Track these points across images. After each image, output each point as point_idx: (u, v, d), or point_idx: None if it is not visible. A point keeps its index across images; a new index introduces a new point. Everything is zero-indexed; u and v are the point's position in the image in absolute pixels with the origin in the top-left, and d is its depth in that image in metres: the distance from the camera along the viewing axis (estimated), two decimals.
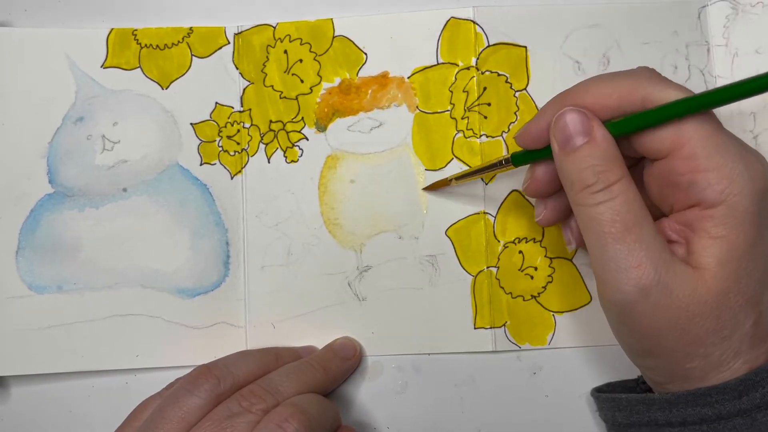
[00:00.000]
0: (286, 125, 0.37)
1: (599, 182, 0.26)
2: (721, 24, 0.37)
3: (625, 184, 0.26)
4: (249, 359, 0.32)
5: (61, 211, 0.36)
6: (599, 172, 0.26)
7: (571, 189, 0.28)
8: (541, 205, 0.32)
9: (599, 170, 0.26)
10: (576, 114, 0.27)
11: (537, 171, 0.31)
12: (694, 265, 0.26)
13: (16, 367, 0.36)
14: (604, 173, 0.26)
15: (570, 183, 0.28)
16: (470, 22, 0.37)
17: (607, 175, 0.26)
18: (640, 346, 0.28)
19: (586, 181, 0.27)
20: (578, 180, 0.27)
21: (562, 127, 0.27)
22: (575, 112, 0.27)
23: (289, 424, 0.28)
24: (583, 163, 0.27)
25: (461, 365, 0.36)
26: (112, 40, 0.37)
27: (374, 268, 0.36)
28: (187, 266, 0.36)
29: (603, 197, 0.26)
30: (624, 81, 0.27)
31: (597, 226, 0.27)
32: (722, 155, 0.26)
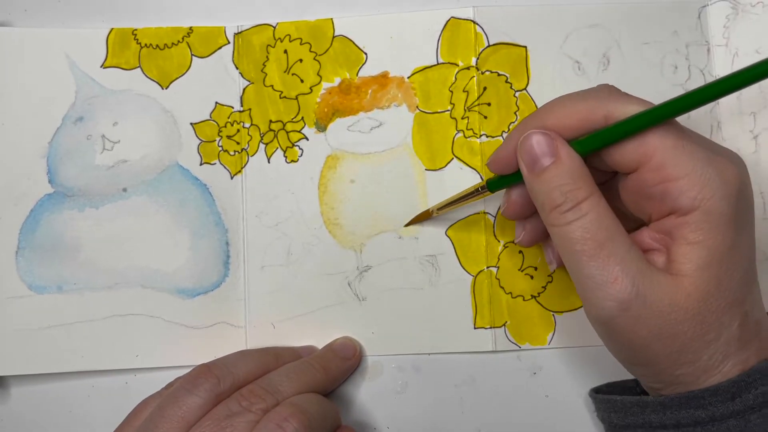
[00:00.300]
0: (286, 125, 0.37)
1: (567, 201, 0.27)
2: (721, 24, 0.37)
3: (594, 200, 0.27)
4: (249, 359, 0.32)
5: (61, 211, 0.36)
6: (567, 192, 0.27)
7: (542, 210, 0.28)
8: (520, 227, 0.33)
9: (566, 189, 0.27)
10: (540, 136, 0.27)
11: (512, 194, 0.31)
12: (675, 273, 0.26)
13: (16, 367, 0.36)
14: (571, 192, 0.27)
15: (541, 204, 0.28)
16: (470, 22, 0.37)
17: (575, 193, 0.27)
18: (628, 357, 0.28)
19: (555, 201, 0.27)
20: (547, 201, 0.27)
21: (527, 149, 0.28)
22: (539, 134, 0.28)
23: (288, 424, 0.28)
24: (551, 183, 0.27)
25: (461, 365, 0.36)
26: (112, 40, 0.37)
27: (374, 268, 0.36)
28: (187, 266, 0.36)
29: (572, 216, 0.27)
30: (585, 100, 0.28)
31: (570, 244, 0.27)
32: (690, 162, 0.26)
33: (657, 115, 0.26)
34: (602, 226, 0.26)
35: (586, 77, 0.37)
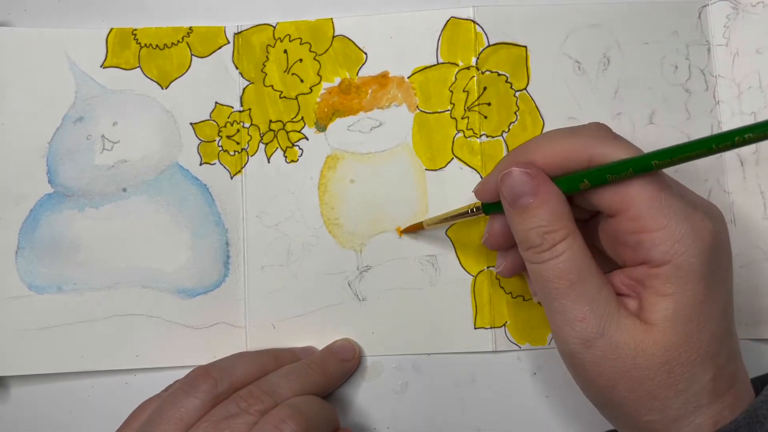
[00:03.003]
0: (286, 125, 0.37)
1: (544, 243, 0.27)
2: (721, 24, 0.37)
3: (570, 242, 0.27)
4: (247, 361, 0.32)
5: (61, 211, 0.36)
6: (544, 233, 0.27)
7: (520, 246, 0.29)
8: (502, 258, 0.33)
9: (544, 231, 0.27)
10: (522, 174, 0.28)
11: (494, 226, 0.32)
12: (645, 320, 0.26)
13: (16, 367, 0.36)
14: (549, 234, 0.27)
15: (519, 240, 0.29)
16: (470, 21, 0.37)
17: (552, 235, 0.27)
18: (596, 396, 0.28)
19: (532, 242, 0.28)
20: (525, 239, 0.28)
21: (509, 185, 0.28)
22: (521, 172, 0.28)
23: (286, 425, 0.28)
24: (530, 223, 0.27)
25: (461, 365, 0.36)
26: (111, 40, 0.37)
27: (374, 268, 0.36)
28: (187, 266, 0.36)
29: (547, 256, 0.27)
30: (572, 138, 0.28)
31: (543, 281, 0.27)
32: (666, 216, 0.26)
33: (638, 165, 0.26)
34: (576, 267, 0.27)
35: (586, 77, 0.37)
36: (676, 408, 0.26)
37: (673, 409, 0.26)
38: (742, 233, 0.36)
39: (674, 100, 0.37)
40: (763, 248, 0.36)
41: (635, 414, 0.27)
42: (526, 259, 0.28)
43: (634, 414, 0.27)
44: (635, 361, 0.26)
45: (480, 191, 0.31)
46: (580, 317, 0.27)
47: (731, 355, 0.27)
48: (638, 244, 0.27)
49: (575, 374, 0.28)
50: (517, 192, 0.28)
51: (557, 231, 0.27)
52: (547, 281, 0.27)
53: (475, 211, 0.32)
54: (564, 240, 0.27)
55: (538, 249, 0.27)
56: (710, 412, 0.26)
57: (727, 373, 0.27)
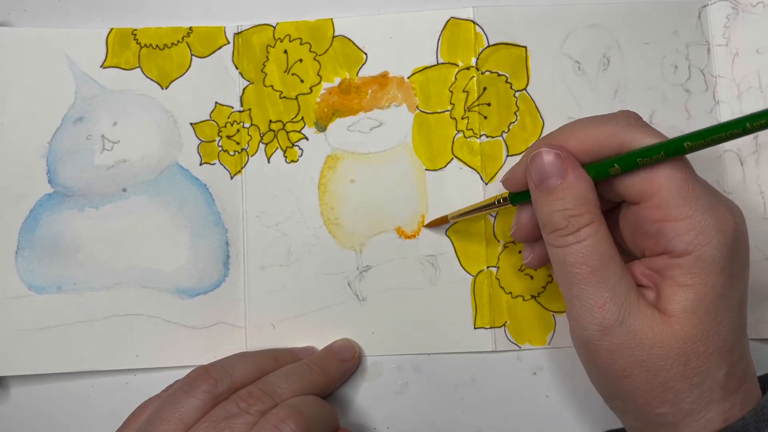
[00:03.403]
0: (286, 125, 0.37)
1: (569, 227, 0.27)
2: (721, 24, 0.37)
3: (594, 228, 0.27)
4: (247, 361, 0.32)
5: (61, 211, 0.36)
6: (569, 217, 0.27)
7: (543, 228, 0.28)
8: (529, 248, 0.33)
9: (569, 214, 0.27)
10: (551, 155, 0.28)
11: (522, 217, 0.31)
12: (662, 311, 0.26)
13: (15, 367, 0.36)
14: (574, 218, 0.27)
15: (542, 223, 0.28)
16: (470, 22, 0.37)
17: (577, 219, 0.27)
18: (608, 386, 0.28)
19: (557, 224, 0.27)
20: (549, 222, 0.28)
21: (537, 166, 0.28)
22: (550, 152, 0.28)
23: (286, 425, 0.28)
24: (556, 205, 0.27)
25: (461, 365, 0.36)
26: (111, 40, 0.37)
27: (374, 268, 0.36)
28: (186, 266, 0.36)
29: (571, 240, 0.27)
30: (604, 126, 0.28)
31: (564, 266, 0.27)
32: (691, 206, 0.26)
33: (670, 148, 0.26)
34: (598, 253, 0.27)
35: (586, 77, 0.37)
36: (689, 402, 0.26)
37: (687, 402, 0.26)
38: None
39: (674, 100, 0.37)
40: (763, 248, 0.36)
41: (647, 406, 0.27)
42: (549, 243, 0.28)
43: (646, 406, 0.27)
44: (652, 351, 0.26)
45: (508, 179, 0.31)
46: (600, 303, 0.26)
47: (743, 352, 0.27)
48: (660, 233, 0.26)
49: (589, 361, 0.28)
50: (546, 173, 0.28)
51: (582, 215, 0.27)
52: (569, 266, 0.27)
53: (502, 202, 0.32)
54: (589, 225, 0.27)
55: (563, 232, 0.27)
56: (721, 408, 0.26)
57: (740, 369, 0.27)
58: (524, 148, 0.36)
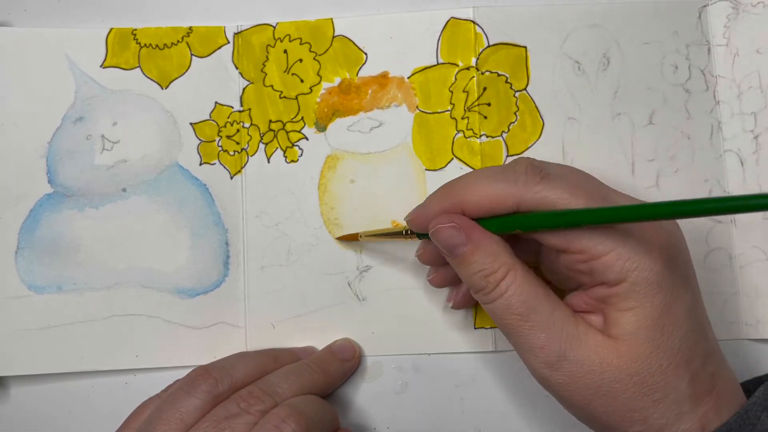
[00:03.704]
0: (286, 125, 0.37)
1: (488, 285, 0.28)
2: (721, 24, 0.37)
3: (511, 277, 0.28)
4: (247, 360, 0.32)
5: (61, 211, 0.36)
6: (485, 276, 0.28)
7: (471, 290, 0.29)
8: (432, 269, 0.34)
9: (485, 274, 0.28)
10: (450, 229, 0.29)
11: (428, 246, 0.33)
12: (610, 335, 0.27)
13: (15, 367, 0.35)
14: (490, 276, 0.28)
15: (468, 287, 0.30)
16: (470, 22, 0.37)
17: (493, 276, 0.28)
18: (578, 414, 0.29)
19: (477, 287, 0.29)
20: (471, 285, 0.29)
21: (441, 240, 0.29)
22: (449, 228, 0.29)
23: (286, 425, 0.28)
24: (470, 269, 0.28)
25: (461, 365, 0.36)
26: (111, 40, 0.37)
27: (374, 268, 0.36)
28: (186, 266, 0.36)
29: (494, 296, 0.28)
30: (499, 184, 0.28)
31: (497, 319, 0.29)
32: (610, 240, 0.26)
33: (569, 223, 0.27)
34: (521, 300, 0.28)
35: (586, 77, 0.37)
36: (657, 417, 0.27)
37: (655, 419, 0.27)
38: (742, 233, 0.36)
39: (674, 100, 0.37)
40: (763, 248, 0.36)
41: (618, 427, 0.27)
42: (479, 302, 0.29)
43: (617, 427, 0.27)
44: (603, 376, 0.27)
45: (412, 222, 0.32)
46: (539, 345, 0.27)
47: (708, 356, 0.28)
48: (592, 270, 0.27)
49: (553, 395, 0.29)
50: (451, 244, 0.29)
51: (497, 271, 0.28)
52: (500, 318, 0.28)
53: (410, 233, 0.33)
54: (505, 277, 0.28)
55: (485, 291, 0.28)
56: (694, 417, 0.27)
57: (706, 375, 0.27)
58: (524, 148, 0.36)
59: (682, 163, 0.36)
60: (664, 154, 0.36)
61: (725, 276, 0.36)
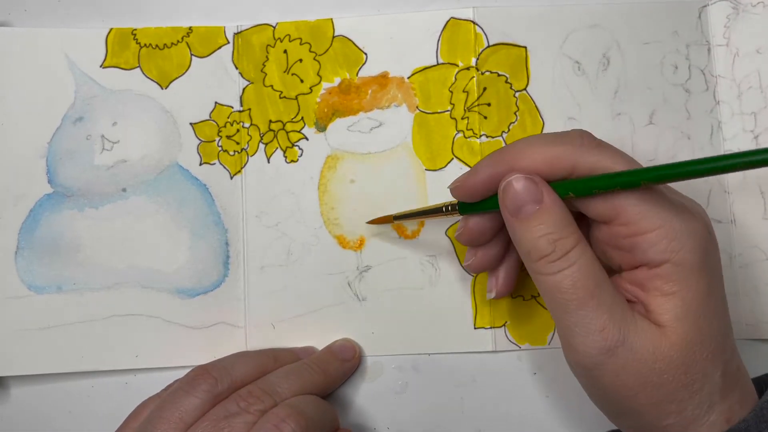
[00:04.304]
0: (286, 125, 0.37)
1: (556, 251, 0.26)
2: (721, 24, 0.37)
3: (581, 249, 0.26)
4: (247, 360, 0.32)
5: (61, 211, 0.36)
6: (555, 240, 0.26)
7: (528, 258, 0.27)
8: (471, 252, 0.32)
9: (554, 238, 0.26)
10: (525, 181, 0.27)
11: (470, 221, 0.31)
12: (655, 323, 0.26)
13: (15, 368, 0.35)
14: (559, 241, 0.26)
15: (526, 252, 0.27)
16: (470, 22, 0.37)
17: (563, 242, 0.26)
18: (614, 407, 0.28)
19: (543, 251, 0.26)
20: (534, 249, 0.27)
21: (512, 195, 0.27)
22: (524, 179, 0.27)
23: (286, 425, 0.28)
24: (537, 231, 0.27)
25: (461, 365, 0.36)
26: (111, 40, 0.37)
27: (374, 268, 0.36)
28: (186, 266, 0.36)
29: (561, 266, 0.26)
30: (555, 146, 0.27)
31: (558, 293, 0.26)
32: (658, 216, 0.26)
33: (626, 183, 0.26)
34: (590, 274, 0.26)
35: (586, 77, 0.37)
36: (692, 408, 0.26)
37: (690, 410, 0.26)
38: (742, 233, 0.36)
39: (674, 100, 0.37)
40: (763, 248, 0.36)
41: (655, 420, 0.26)
42: (536, 272, 0.27)
43: (654, 420, 0.26)
44: (655, 365, 0.26)
45: (458, 189, 0.30)
46: (600, 327, 0.26)
47: (733, 350, 0.28)
48: (634, 247, 0.26)
49: (593, 385, 0.27)
50: (521, 201, 0.27)
51: (568, 237, 0.26)
52: (561, 292, 0.26)
53: (450, 209, 0.31)
54: (575, 247, 0.26)
55: (551, 257, 0.26)
56: (722, 409, 0.26)
57: (734, 367, 0.27)
58: None
59: None
60: (664, 154, 0.36)
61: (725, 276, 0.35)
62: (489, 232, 0.31)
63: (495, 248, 0.31)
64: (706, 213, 0.28)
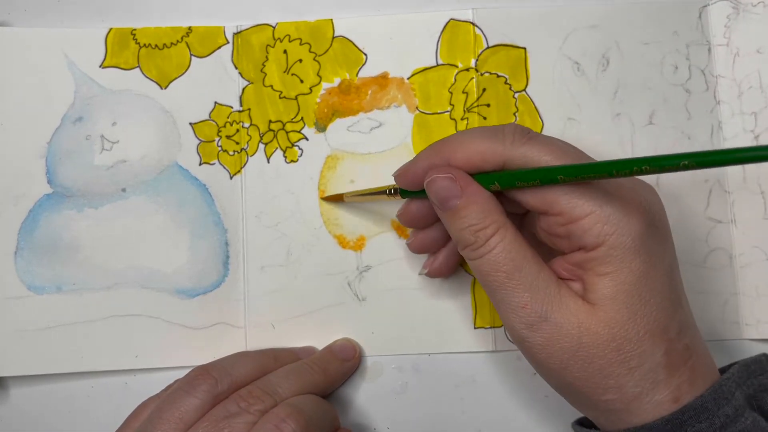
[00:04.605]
0: (286, 125, 0.37)
1: (477, 240, 0.28)
2: (722, 24, 0.37)
3: (501, 234, 0.28)
4: (247, 360, 0.32)
5: (60, 212, 0.36)
6: (476, 231, 0.28)
7: (457, 245, 0.30)
8: (414, 233, 0.34)
9: (475, 229, 0.28)
10: (444, 180, 0.29)
11: (411, 205, 0.33)
12: (589, 301, 0.27)
13: (15, 368, 0.35)
14: (480, 231, 0.28)
15: (455, 241, 0.30)
16: (469, 23, 0.37)
17: (483, 232, 0.28)
18: (552, 379, 0.29)
19: (466, 241, 0.29)
20: (459, 239, 0.29)
21: (435, 191, 0.29)
22: (445, 178, 0.29)
23: (286, 425, 0.28)
24: (461, 223, 0.29)
25: (461, 365, 0.36)
26: (111, 40, 0.37)
27: (374, 268, 0.36)
28: (186, 266, 0.36)
29: (482, 251, 0.28)
30: (488, 141, 0.29)
31: (482, 276, 0.29)
32: (589, 203, 0.27)
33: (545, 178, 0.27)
34: (509, 258, 0.28)
35: (586, 78, 0.37)
36: (632, 386, 0.27)
37: (630, 387, 0.27)
38: (742, 233, 0.36)
39: (674, 100, 0.37)
40: (763, 248, 0.36)
41: (592, 394, 0.27)
42: (466, 257, 0.29)
43: (591, 394, 0.27)
44: (581, 340, 0.27)
45: (400, 177, 0.32)
46: (522, 304, 0.27)
47: (683, 327, 0.28)
48: (570, 234, 0.27)
49: (527, 357, 0.29)
50: (444, 196, 0.29)
51: (488, 227, 0.28)
52: (486, 275, 0.28)
53: (393, 193, 0.33)
54: (495, 234, 0.28)
55: (473, 246, 0.28)
56: (668, 388, 0.27)
57: (681, 346, 0.27)
58: None
59: None
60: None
61: (725, 276, 0.36)
62: (428, 217, 0.32)
63: (434, 232, 0.33)
64: (654, 191, 0.29)
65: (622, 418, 0.27)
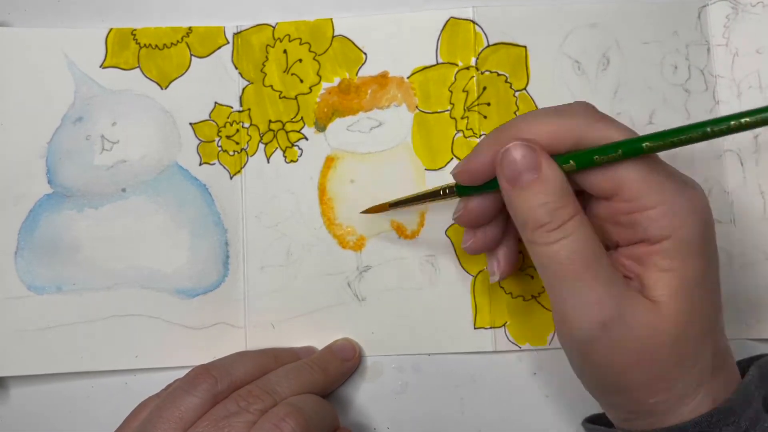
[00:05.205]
0: (286, 125, 0.37)
1: (554, 221, 0.26)
2: (721, 24, 0.37)
3: (579, 220, 0.26)
4: (247, 360, 0.32)
5: (60, 212, 0.36)
6: (553, 210, 0.26)
7: (524, 228, 0.27)
8: (470, 234, 0.31)
9: (552, 207, 0.26)
10: (523, 148, 0.26)
11: (470, 203, 0.30)
12: (650, 299, 0.26)
13: (15, 368, 0.35)
14: (558, 210, 0.26)
15: (522, 221, 0.27)
16: (470, 22, 0.37)
17: (561, 212, 0.26)
18: (604, 382, 0.27)
19: (540, 220, 0.26)
20: (531, 219, 0.26)
21: (509, 162, 0.26)
22: (522, 146, 0.26)
23: (286, 424, 0.28)
24: (535, 200, 0.26)
25: (461, 365, 0.36)
26: (111, 40, 0.37)
27: (374, 268, 0.36)
28: (186, 266, 0.36)
29: (558, 235, 0.26)
30: (559, 118, 0.27)
31: (554, 264, 0.26)
32: (661, 193, 0.25)
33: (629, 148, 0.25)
34: (588, 246, 0.26)
35: (586, 77, 0.37)
36: (681, 387, 0.26)
37: (679, 388, 0.26)
38: (742, 233, 0.36)
39: (674, 100, 0.37)
40: (763, 248, 0.36)
41: (644, 397, 0.26)
42: (533, 241, 0.26)
43: (643, 397, 0.26)
44: (649, 341, 0.25)
45: (460, 174, 0.29)
46: (595, 300, 0.25)
47: (722, 330, 0.27)
48: (635, 223, 0.26)
49: (585, 361, 0.27)
50: (519, 168, 0.26)
51: (565, 207, 0.26)
52: (558, 264, 0.26)
53: (447, 192, 0.31)
54: (573, 218, 0.26)
55: (548, 227, 0.26)
56: (709, 389, 0.26)
57: (722, 348, 0.27)
58: None
59: (682, 162, 0.36)
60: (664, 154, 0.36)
61: (725, 276, 0.35)
62: (489, 212, 0.30)
63: (493, 229, 0.31)
64: (704, 191, 0.27)
65: (659, 419, 0.26)
